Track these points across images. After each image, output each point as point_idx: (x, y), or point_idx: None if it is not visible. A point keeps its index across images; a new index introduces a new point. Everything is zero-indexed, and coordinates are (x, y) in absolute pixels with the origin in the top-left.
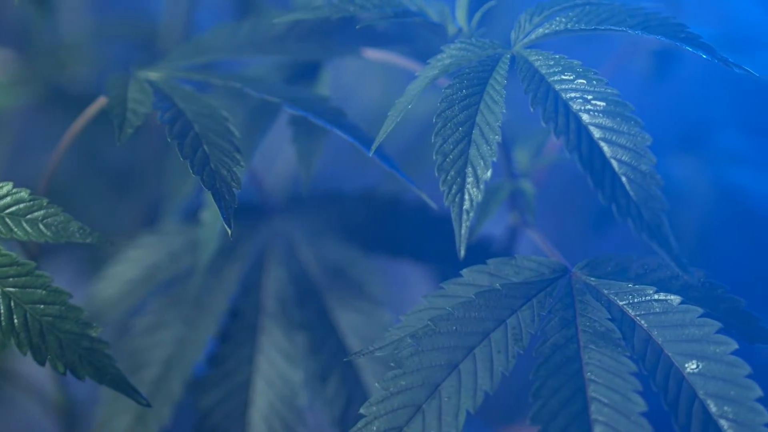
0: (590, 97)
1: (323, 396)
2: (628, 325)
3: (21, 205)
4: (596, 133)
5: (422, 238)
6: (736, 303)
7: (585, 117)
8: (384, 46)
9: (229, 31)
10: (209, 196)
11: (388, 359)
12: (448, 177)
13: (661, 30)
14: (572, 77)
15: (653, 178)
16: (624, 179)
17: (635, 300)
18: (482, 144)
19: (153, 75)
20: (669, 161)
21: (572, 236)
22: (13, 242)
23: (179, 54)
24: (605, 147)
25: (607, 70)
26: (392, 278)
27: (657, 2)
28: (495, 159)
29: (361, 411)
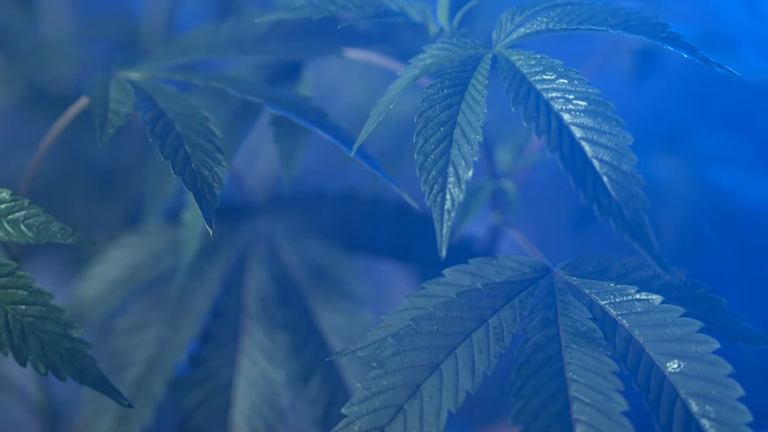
0: (571, 97)
1: (305, 396)
2: (610, 325)
3: (2, 206)
4: (577, 133)
5: (404, 238)
6: (718, 302)
7: (566, 116)
8: (365, 46)
9: (211, 31)
10: (191, 197)
11: (370, 359)
12: (430, 177)
13: (643, 29)
14: (553, 77)
15: (634, 178)
16: (605, 179)
17: (617, 299)
18: (463, 144)
19: (134, 75)
20: (650, 161)
21: (554, 236)
22: None
23: (161, 54)
24: (586, 146)
25: (589, 70)
26: (374, 278)
27: (638, 2)
28: (476, 159)
29: (343, 411)
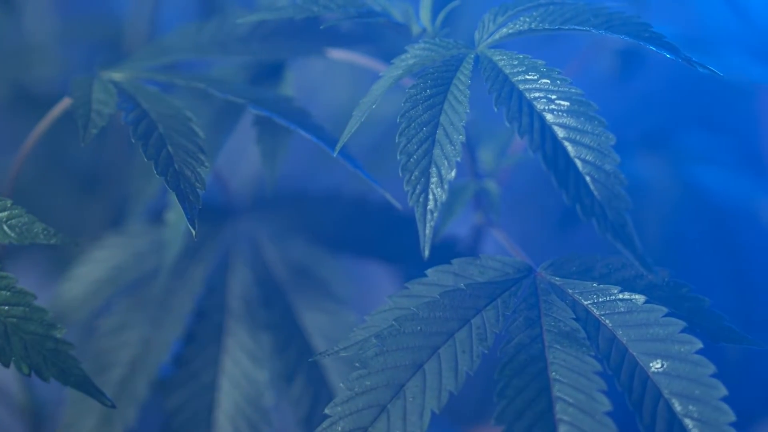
0: (554, 97)
1: (289, 396)
2: (593, 325)
3: None
4: (560, 133)
5: (387, 238)
6: (701, 302)
7: (549, 117)
8: (348, 46)
9: (194, 32)
10: (174, 197)
11: (354, 359)
12: (413, 177)
13: (625, 29)
14: (536, 77)
15: (617, 178)
16: (588, 179)
17: (600, 299)
18: (446, 144)
19: (117, 76)
20: (633, 161)
21: (537, 236)
22: None
23: (143, 54)
24: (569, 146)
25: (571, 70)
26: (357, 278)
27: (621, 2)
28: (459, 159)
29: (326, 411)
